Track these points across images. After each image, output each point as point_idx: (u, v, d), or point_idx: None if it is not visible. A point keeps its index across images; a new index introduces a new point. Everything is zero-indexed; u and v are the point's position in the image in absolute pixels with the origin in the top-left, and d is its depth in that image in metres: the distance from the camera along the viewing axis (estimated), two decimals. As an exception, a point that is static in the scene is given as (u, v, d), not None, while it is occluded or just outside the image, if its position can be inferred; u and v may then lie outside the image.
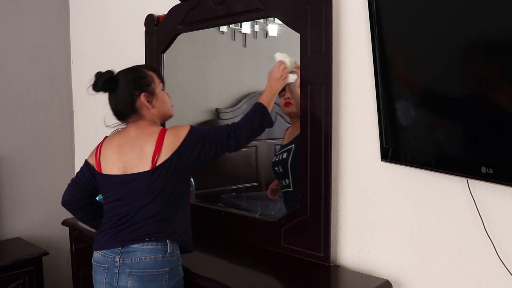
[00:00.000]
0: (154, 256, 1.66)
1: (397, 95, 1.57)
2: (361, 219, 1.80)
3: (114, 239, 1.70)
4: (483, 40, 1.32)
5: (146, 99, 1.74)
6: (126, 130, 1.79)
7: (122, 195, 1.71)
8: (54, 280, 3.13)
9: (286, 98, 2.08)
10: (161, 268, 1.67)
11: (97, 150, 1.80)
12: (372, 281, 1.70)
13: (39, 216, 3.10)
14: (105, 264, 1.70)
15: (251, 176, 2.49)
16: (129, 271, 1.66)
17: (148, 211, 1.68)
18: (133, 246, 1.67)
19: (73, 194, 1.82)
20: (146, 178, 1.68)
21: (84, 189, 1.81)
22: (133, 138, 1.74)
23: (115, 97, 1.76)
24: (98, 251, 1.73)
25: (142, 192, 1.68)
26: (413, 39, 1.50)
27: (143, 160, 1.69)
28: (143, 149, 1.70)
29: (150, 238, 1.67)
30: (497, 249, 1.45)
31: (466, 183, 1.48)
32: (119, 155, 1.73)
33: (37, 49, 3.08)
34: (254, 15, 2.02)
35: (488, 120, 1.33)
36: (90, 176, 1.79)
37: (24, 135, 3.04)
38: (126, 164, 1.71)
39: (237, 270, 1.91)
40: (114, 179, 1.72)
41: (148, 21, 2.51)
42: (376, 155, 1.70)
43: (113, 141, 1.79)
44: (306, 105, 1.82)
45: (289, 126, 2.18)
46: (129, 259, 1.67)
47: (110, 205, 1.74)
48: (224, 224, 2.21)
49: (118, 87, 1.74)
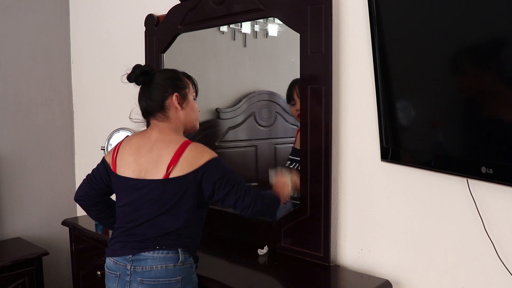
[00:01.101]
0: (166, 264, 1.60)
1: (397, 95, 1.57)
2: (361, 219, 1.80)
3: (125, 246, 1.64)
4: (484, 39, 1.31)
5: (177, 100, 1.68)
6: (148, 132, 1.71)
7: (132, 200, 1.65)
8: (54, 280, 3.13)
9: (298, 110, 2.01)
10: (173, 277, 1.60)
11: (115, 149, 1.74)
12: (372, 281, 1.70)
13: (39, 216, 3.10)
14: (117, 272, 1.64)
15: (251, 176, 2.49)
16: (140, 279, 1.60)
17: (159, 223, 1.62)
18: (144, 254, 1.61)
19: (86, 191, 1.77)
20: (158, 187, 1.61)
21: (98, 186, 1.75)
22: (153, 141, 1.66)
23: (147, 91, 1.69)
24: (111, 257, 1.68)
25: (153, 200, 1.61)
26: (413, 39, 1.50)
27: (157, 166, 1.62)
28: (160, 155, 1.63)
29: (161, 247, 1.61)
30: (497, 249, 1.45)
31: (466, 183, 1.48)
32: (136, 156, 1.67)
33: (37, 49, 3.08)
34: (254, 15, 2.02)
35: (488, 120, 1.33)
36: (106, 174, 1.74)
37: (24, 135, 3.04)
38: (141, 167, 1.65)
39: (237, 270, 1.91)
40: (127, 182, 1.66)
41: (148, 21, 2.51)
42: (376, 155, 1.70)
43: (132, 141, 1.72)
44: (306, 105, 1.82)
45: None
46: (140, 267, 1.60)
47: (121, 210, 1.69)
48: (224, 224, 2.21)
49: (153, 82, 1.68)
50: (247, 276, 1.86)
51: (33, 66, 3.06)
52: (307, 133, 1.82)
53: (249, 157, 2.46)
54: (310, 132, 1.81)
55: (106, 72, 2.97)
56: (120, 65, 2.08)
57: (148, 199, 1.62)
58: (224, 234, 2.20)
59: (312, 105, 1.80)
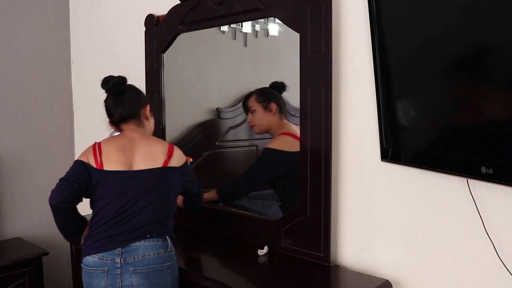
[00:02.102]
0: (158, 251, 1.71)
1: (397, 95, 1.57)
2: (361, 219, 1.80)
3: (112, 241, 1.69)
4: (484, 38, 1.31)
5: (149, 111, 1.91)
6: (127, 134, 1.84)
7: (125, 192, 1.72)
8: (54, 280, 3.13)
9: (249, 122, 2.26)
10: (164, 263, 1.71)
11: (94, 150, 1.78)
12: (372, 281, 1.70)
13: (39, 216, 3.10)
14: (104, 267, 1.68)
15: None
16: (132, 269, 1.67)
17: (152, 209, 1.74)
18: (135, 244, 1.69)
19: (65, 194, 1.71)
20: (156, 175, 1.76)
21: (79, 187, 1.73)
22: (139, 140, 1.81)
23: (122, 101, 1.84)
24: (94, 255, 1.70)
25: (150, 187, 1.74)
26: (413, 39, 1.50)
27: (153, 157, 1.78)
28: (154, 149, 1.81)
29: (152, 235, 1.71)
30: (497, 249, 1.45)
31: (466, 183, 1.48)
32: (125, 152, 1.77)
33: (37, 50, 3.08)
34: (254, 15, 2.02)
35: (488, 120, 1.33)
36: (86, 175, 1.74)
37: (24, 135, 3.04)
38: (131, 161, 1.76)
39: (237, 270, 1.91)
40: (118, 175, 1.74)
41: (148, 21, 2.51)
42: (376, 155, 1.70)
43: (115, 141, 1.82)
44: (306, 105, 1.82)
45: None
46: (132, 257, 1.68)
47: (108, 205, 1.72)
48: (224, 224, 2.21)
49: (127, 92, 1.85)
50: (247, 276, 1.86)
51: (33, 66, 3.06)
52: (307, 133, 1.82)
53: (250, 157, 2.46)
54: (310, 132, 1.81)
55: (106, 72, 2.91)
56: (120, 65, 2.09)
57: (145, 187, 1.74)
58: (224, 234, 2.20)
59: (312, 105, 1.80)
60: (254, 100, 2.22)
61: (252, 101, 2.23)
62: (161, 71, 2.45)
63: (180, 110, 2.58)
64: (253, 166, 2.33)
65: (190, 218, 2.34)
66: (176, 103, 2.54)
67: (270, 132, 2.23)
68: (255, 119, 2.23)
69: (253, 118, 2.23)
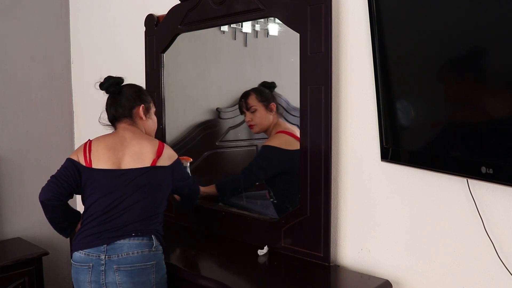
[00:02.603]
0: (142, 250, 1.73)
1: (397, 95, 1.57)
2: (361, 219, 1.80)
3: (100, 237, 1.73)
4: (485, 38, 1.31)
5: (143, 111, 1.92)
6: (119, 133, 1.88)
7: (113, 189, 1.76)
8: (54, 280, 3.13)
9: (247, 122, 2.26)
10: (148, 261, 1.73)
11: (85, 148, 1.84)
12: (372, 281, 1.70)
13: (39, 216, 3.06)
14: (89, 263, 1.72)
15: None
16: (116, 267, 1.70)
17: (140, 207, 1.76)
18: (119, 241, 1.72)
19: (55, 191, 1.77)
20: (144, 174, 1.79)
21: (68, 185, 1.78)
22: (129, 139, 1.85)
23: (116, 100, 1.91)
24: (81, 250, 1.75)
25: (139, 185, 1.77)
26: (413, 39, 1.49)
27: (142, 156, 1.81)
28: (143, 148, 1.83)
29: (137, 233, 1.75)
30: (497, 249, 1.45)
31: (466, 183, 1.48)
32: (114, 151, 1.81)
33: (37, 49, 3.08)
34: (254, 15, 2.02)
35: (488, 120, 1.33)
36: (76, 172, 1.79)
37: (24, 135, 3.03)
38: (120, 160, 1.80)
39: (237, 269, 1.91)
40: (106, 173, 1.78)
41: (148, 21, 2.51)
42: (376, 155, 1.70)
43: (106, 140, 1.86)
44: (306, 105, 1.82)
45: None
46: (115, 255, 1.71)
47: (98, 202, 1.76)
48: (224, 224, 2.21)
49: (122, 92, 1.91)
50: (247, 276, 1.86)
51: (33, 66, 3.06)
52: (307, 133, 1.82)
53: (250, 157, 2.46)
54: (310, 132, 1.81)
55: (106, 73, 2.91)
56: (120, 65, 2.09)
57: (133, 185, 1.77)
58: (224, 234, 2.20)
59: (312, 105, 1.80)
60: (255, 100, 2.22)
61: (252, 101, 2.23)
62: (161, 71, 2.45)
63: (180, 110, 2.58)
64: (253, 163, 2.33)
65: (190, 218, 2.34)
66: (176, 103, 2.54)
67: (267, 131, 2.23)
68: (256, 119, 2.23)
69: (254, 117, 2.23)
